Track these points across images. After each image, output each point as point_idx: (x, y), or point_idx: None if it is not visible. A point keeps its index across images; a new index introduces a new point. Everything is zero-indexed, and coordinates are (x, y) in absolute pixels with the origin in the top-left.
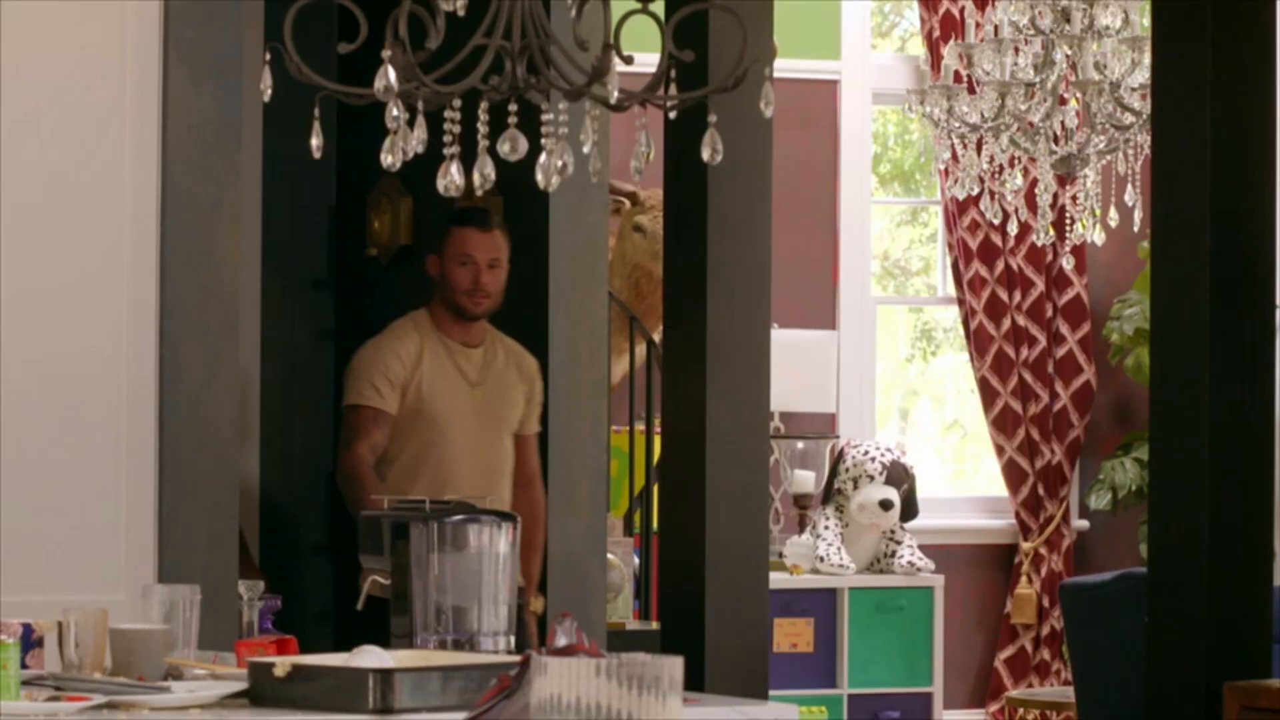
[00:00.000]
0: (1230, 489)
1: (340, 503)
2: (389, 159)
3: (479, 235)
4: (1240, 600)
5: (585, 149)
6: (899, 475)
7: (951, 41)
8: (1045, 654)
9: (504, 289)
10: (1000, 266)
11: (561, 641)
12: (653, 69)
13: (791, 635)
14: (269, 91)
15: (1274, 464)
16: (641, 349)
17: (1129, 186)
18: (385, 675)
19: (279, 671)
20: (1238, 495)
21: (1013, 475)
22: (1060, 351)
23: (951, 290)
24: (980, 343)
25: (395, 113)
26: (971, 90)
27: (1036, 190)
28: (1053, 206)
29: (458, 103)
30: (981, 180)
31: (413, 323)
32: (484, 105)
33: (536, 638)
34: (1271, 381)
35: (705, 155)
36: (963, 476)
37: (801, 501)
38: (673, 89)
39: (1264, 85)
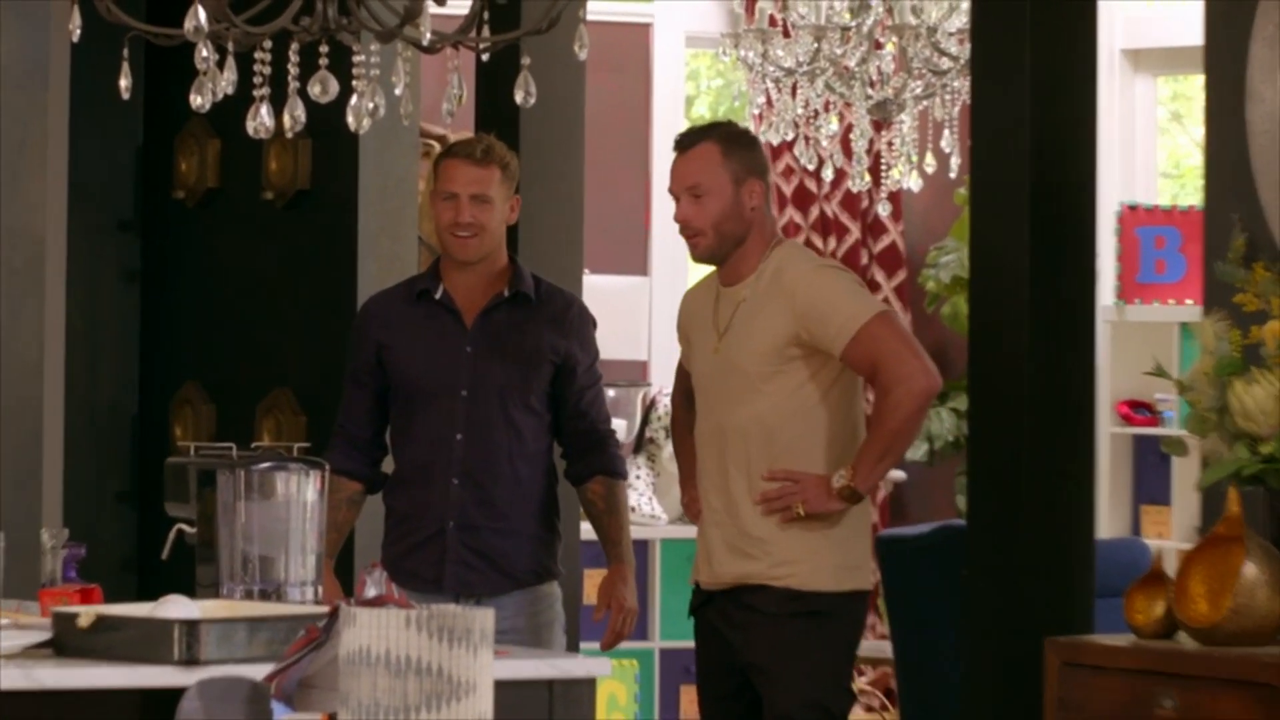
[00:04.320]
0: (1051, 439)
1: (147, 447)
2: (198, 100)
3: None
4: (1062, 553)
5: (396, 91)
6: None
7: None
8: None
9: None
10: (815, 212)
11: (371, 592)
12: (465, 10)
13: None
14: (78, 31)
15: (1095, 414)
16: None
17: (946, 132)
18: (191, 626)
19: (83, 622)
20: (1058, 446)
21: None
22: (877, 298)
23: None
24: None
25: (205, 53)
26: (786, 34)
27: (852, 136)
28: (869, 152)
29: (268, 44)
30: (796, 125)
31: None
32: (294, 46)
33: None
34: (1092, 330)
35: (518, 98)
36: None
37: None
38: (485, 31)
39: (1084, 30)
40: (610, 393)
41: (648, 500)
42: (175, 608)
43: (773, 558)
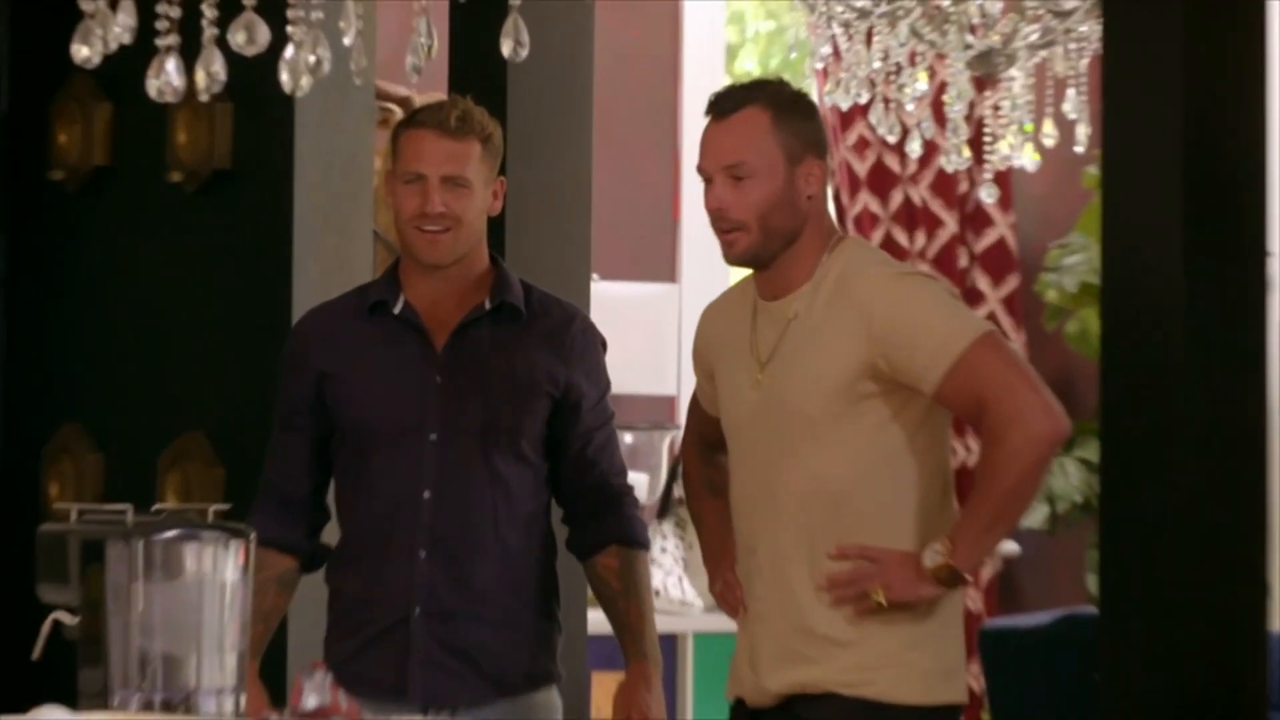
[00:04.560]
0: (1212, 497)
1: (11, 511)
2: (84, 52)
3: None
4: (1227, 649)
5: (346, 41)
6: None
7: None
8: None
9: None
10: (898, 199)
11: (311, 702)
12: None
13: None
14: None
15: (1272, 463)
16: None
17: (1070, 92)
18: None
19: None
20: (1222, 506)
21: None
22: (979, 313)
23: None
24: None
25: None
26: None
27: (946, 98)
28: (968, 119)
29: None
30: (872, 84)
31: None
32: None
33: None
34: (1264, 354)
35: (505, 50)
36: None
37: None
38: None
39: None
40: (627, 437)
41: (676, 581)
42: None
43: (842, 662)
